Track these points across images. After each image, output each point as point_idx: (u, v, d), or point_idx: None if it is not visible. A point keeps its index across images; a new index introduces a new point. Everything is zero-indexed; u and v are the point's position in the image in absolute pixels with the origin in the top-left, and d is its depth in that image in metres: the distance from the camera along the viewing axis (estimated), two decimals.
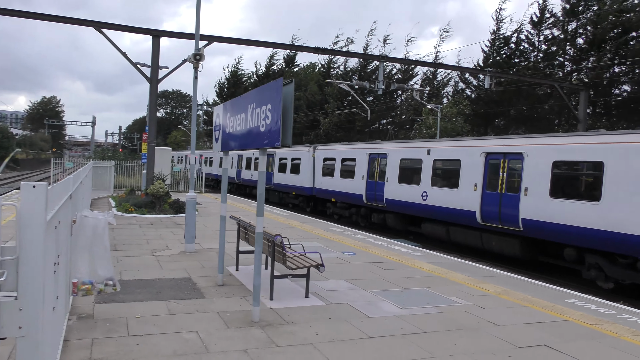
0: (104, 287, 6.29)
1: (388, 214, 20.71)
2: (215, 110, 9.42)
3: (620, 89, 34.85)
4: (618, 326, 7.40)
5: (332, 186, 24.56)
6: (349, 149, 24.10)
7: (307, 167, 27.11)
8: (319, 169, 25.97)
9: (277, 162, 30.91)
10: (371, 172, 21.54)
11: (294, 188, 28.64)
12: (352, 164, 23.16)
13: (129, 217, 17.62)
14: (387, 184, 20.32)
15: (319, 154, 26.42)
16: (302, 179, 27.55)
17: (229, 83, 68.05)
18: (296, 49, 39.78)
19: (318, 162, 26.19)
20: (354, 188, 22.47)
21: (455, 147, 17.57)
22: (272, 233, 8.03)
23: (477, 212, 15.86)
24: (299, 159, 28.15)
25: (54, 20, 19.65)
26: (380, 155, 21.24)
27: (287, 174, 29.44)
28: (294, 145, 27.51)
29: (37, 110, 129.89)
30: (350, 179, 22.84)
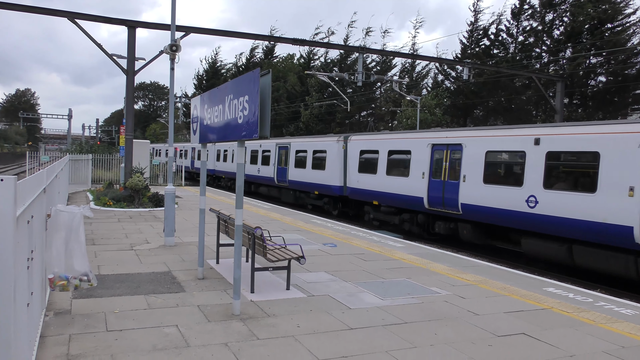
0: (79, 283, 6.18)
1: (463, 223, 16.04)
2: (193, 102, 9.30)
3: (596, 80, 35.34)
4: (595, 314, 7.52)
5: (374, 185, 19.79)
6: (400, 138, 19.30)
7: (336, 161, 22.61)
8: (353, 164, 21.23)
9: (292, 155, 26.54)
10: (437, 169, 16.97)
11: (316, 187, 24.00)
12: (404, 158, 18.50)
13: (107, 211, 17.39)
14: (463, 185, 15.62)
15: (353, 145, 21.68)
16: (328, 175, 22.99)
17: (208, 75, 67.54)
18: (275, 40, 39.58)
19: (352, 156, 21.51)
20: (409, 189, 17.83)
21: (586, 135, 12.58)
22: (252, 225, 7.97)
23: None
24: (324, 151, 23.58)
25: (26, 11, 19.22)
26: (451, 146, 16.53)
27: (307, 169, 24.86)
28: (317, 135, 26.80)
29: (11, 103, 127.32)
30: (403, 177, 18.30)
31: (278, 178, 27.78)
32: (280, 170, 27.58)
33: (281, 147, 27.80)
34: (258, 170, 30.70)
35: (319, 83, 48.66)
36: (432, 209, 16.99)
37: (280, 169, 27.57)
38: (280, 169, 27.57)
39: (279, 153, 27.87)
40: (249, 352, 5.54)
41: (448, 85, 45.28)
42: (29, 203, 4.05)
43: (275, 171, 28.09)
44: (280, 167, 27.57)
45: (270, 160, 28.83)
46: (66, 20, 19.15)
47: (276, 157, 28.14)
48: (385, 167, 19.39)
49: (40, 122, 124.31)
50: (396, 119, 45.45)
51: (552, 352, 5.90)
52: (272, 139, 29.42)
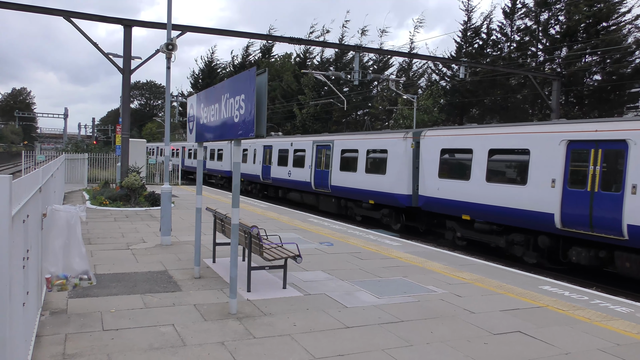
0: (79, 282, 6.19)
1: (627, 252, 11.67)
2: (189, 101, 9.29)
3: (592, 78, 35.43)
4: (590, 311, 7.55)
5: (465, 195, 15.39)
6: (510, 133, 14.42)
7: (402, 163, 18.11)
8: (431, 167, 16.77)
9: (336, 156, 22.09)
10: (577, 176, 12.51)
11: (371, 195, 19.53)
12: (518, 159, 14.03)
13: (103, 211, 17.36)
14: (632, 199, 11.17)
15: (430, 143, 17.05)
16: (390, 181, 18.52)
17: (204, 74, 67.46)
18: (272, 39, 39.50)
19: (428, 156, 16.99)
20: (528, 201, 13.34)
21: None
22: (248, 225, 7.97)
23: None
24: (383, 151, 19.20)
25: (21, 10, 19.14)
26: (607, 144, 11.97)
27: (359, 173, 20.39)
28: (375, 132, 21.77)
29: (7, 102, 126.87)
30: (515, 184, 13.82)
31: (316, 183, 23.52)
32: (319, 173, 23.36)
33: (320, 145, 23.54)
34: (289, 173, 26.25)
35: (314, 81, 48.64)
36: (569, 229, 12.44)
37: (319, 172, 23.33)
38: (319, 172, 23.33)
39: (317, 153, 23.69)
40: (246, 351, 5.54)
41: (443, 84, 45.32)
42: (25, 202, 4.05)
43: (313, 175, 23.82)
44: (319, 170, 23.33)
45: (306, 162, 24.53)
46: (63, 18, 19.09)
47: (314, 157, 23.86)
48: (485, 171, 14.74)
49: (36, 121, 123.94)
50: (392, 118, 45.49)
51: (548, 350, 5.93)
52: (308, 136, 25.57)
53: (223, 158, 37.18)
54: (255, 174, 30.70)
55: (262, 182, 29.93)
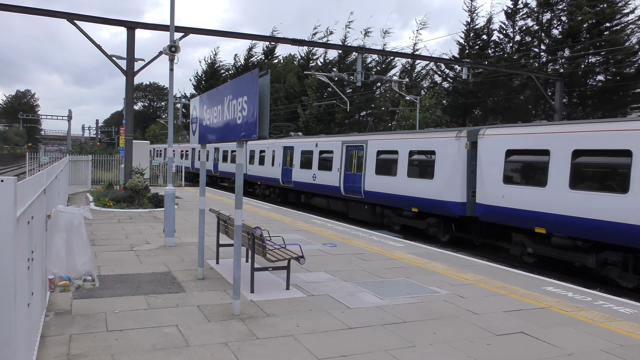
0: (82, 283, 6.21)
1: None
2: (192, 103, 9.32)
3: (595, 79, 35.37)
4: (593, 312, 7.54)
5: (538, 204, 13.04)
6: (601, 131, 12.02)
7: (453, 166, 15.90)
8: (493, 171, 14.33)
9: (371, 158, 19.86)
10: None
11: (415, 202, 17.30)
12: (618, 162, 11.52)
13: (107, 212, 17.41)
14: None
15: (492, 143, 14.55)
16: (439, 187, 16.30)
17: (207, 75, 67.58)
18: (275, 40, 39.66)
19: (488, 158, 14.55)
20: (635, 214, 10.89)
21: None
22: (251, 226, 8.00)
23: None
24: (430, 152, 16.91)
25: (24, 12, 19.21)
26: None
27: (399, 177, 18.14)
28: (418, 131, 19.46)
29: (11, 105, 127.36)
30: (616, 193, 11.33)
31: (346, 188, 21.24)
32: (349, 177, 21.11)
33: (351, 146, 21.28)
34: (313, 176, 23.79)
35: (317, 83, 48.68)
36: None
37: (350, 176, 21.08)
38: (350, 176, 21.08)
39: (347, 155, 21.44)
40: (249, 352, 5.56)
41: (446, 85, 45.31)
42: (29, 204, 4.08)
43: (342, 179, 21.52)
44: (350, 174, 21.07)
45: (333, 164, 22.27)
46: (66, 21, 19.18)
47: (343, 160, 21.60)
48: (568, 176, 12.38)
49: (40, 123, 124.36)
50: (395, 120, 45.51)
51: (551, 351, 5.93)
52: (336, 136, 23.40)
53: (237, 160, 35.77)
54: (274, 177, 28.32)
55: (282, 186, 27.52)
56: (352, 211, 21.56)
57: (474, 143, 15.57)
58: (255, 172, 31.14)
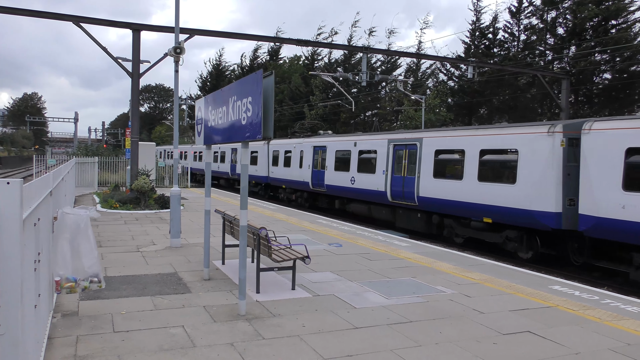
0: (88, 284, 6.24)
1: None
2: (197, 104, 9.36)
3: (601, 77, 35.19)
4: (601, 311, 7.51)
5: None
6: None
7: (544, 168, 13.34)
8: (609, 175, 11.78)
9: (426, 158, 17.20)
10: None
11: (487, 211, 14.69)
12: None
13: (113, 214, 17.48)
14: None
15: (604, 140, 12.13)
16: (522, 193, 13.79)
17: (212, 77, 67.74)
18: (280, 41, 39.69)
19: (601, 159, 12.05)
20: None
21: None
22: (257, 226, 8.01)
23: None
24: (512, 151, 14.32)
25: (30, 15, 19.34)
26: None
27: (466, 180, 15.44)
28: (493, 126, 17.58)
29: (18, 107, 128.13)
30: None
31: (394, 193, 18.73)
32: (398, 181, 18.54)
33: (400, 145, 18.74)
34: (351, 180, 21.26)
35: (323, 83, 48.69)
36: None
37: (399, 180, 18.49)
38: (399, 180, 18.49)
39: (395, 155, 18.95)
40: (255, 352, 5.57)
41: (452, 84, 45.21)
42: (36, 206, 4.10)
43: (389, 183, 19.01)
44: (399, 177, 18.47)
45: (377, 166, 19.77)
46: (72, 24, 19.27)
47: (390, 160, 19.08)
48: None
49: (46, 125, 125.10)
50: (399, 120, 45.48)
51: (558, 350, 5.91)
52: (381, 134, 20.82)
53: (258, 162, 31.59)
54: (301, 180, 25.77)
55: (312, 190, 24.97)
56: (401, 220, 18.92)
57: (572, 140, 13.18)
58: (280, 174, 28.58)
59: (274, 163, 29.34)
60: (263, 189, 31.97)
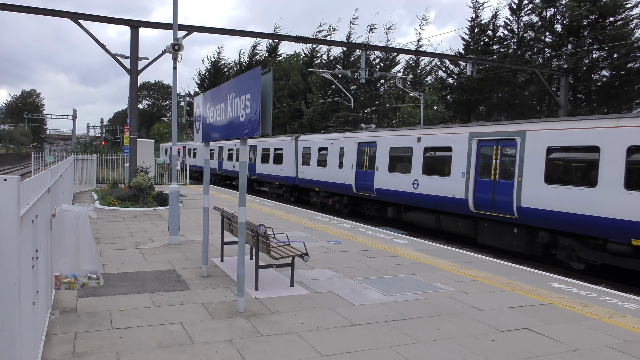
0: (87, 281, 6.25)
1: None
2: (195, 101, 9.34)
3: (599, 74, 35.21)
4: (598, 308, 7.52)
5: None
6: None
7: None
8: None
9: (531, 158, 13.57)
10: None
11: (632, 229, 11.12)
12: None
13: (112, 211, 17.47)
14: None
15: None
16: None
17: (210, 74, 67.66)
18: (278, 38, 39.51)
19: None
20: None
21: None
22: (255, 223, 8.01)
23: None
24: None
25: (28, 12, 19.26)
26: None
27: (601, 188, 11.79)
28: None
29: (16, 104, 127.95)
30: None
31: (478, 201, 14.95)
32: (486, 186, 14.78)
33: (488, 141, 14.94)
34: (414, 184, 17.66)
35: (322, 80, 48.65)
36: None
37: (487, 185, 14.72)
38: (487, 185, 14.72)
39: (479, 153, 15.20)
40: (253, 349, 5.57)
41: (451, 82, 45.20)
42: (33, 203, 4.09)
43: (471, 188, 15.18)
44: (486, 181, 14.78)
45: (453, 167, 15.98)
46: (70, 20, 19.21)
47: (473, 160, 15.31)
48: None
49: (45, 122, 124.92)
50: (397, 117, 45.47)
51: (556, 347, 5.91)
52: (460, 127, 16.81)
53: (284, 160, 27.74)
54: (343, 182, 22.09)
55: (356, 194, 21.32)
56: (486, 235, 15.20)
57: None
58: (312, 175, 24.91)
59: (305, 162, 25.77)
60: (289, 191, 28.25)
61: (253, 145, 31.79)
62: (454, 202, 15.86)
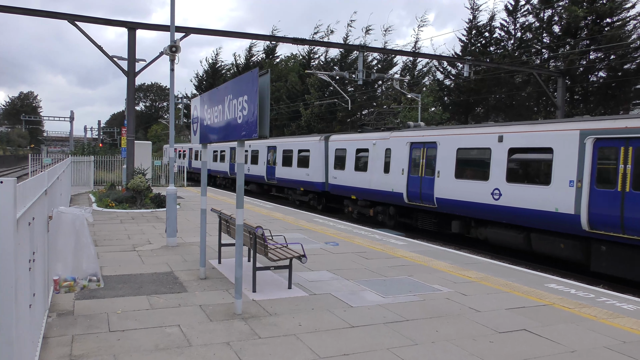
0: (87, 283, 6.22)
1: None
2: (193, 103, 9.33)
3: (596, 75, 35.28)
4: (596, 309, 7.52)
5: None
6: None
7: None
8: None
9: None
10: None
11: None
12: None
13: (109, 213, 17.44)
14: None
15: None
16: None
17: (208, 75, 67.65)
18: (276, 40, 39.58)
19: None
20: None
21: None
22: (253, 225, 8.00)
23: None
24: None
25: (25, 14, 19.23)
26: None
27: None
28: None
29: (13, 106, 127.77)
30: None
31: (594, 218, 11.81)
32: (605, 199, 11.61)
33: (613, 140, 11.65)
34: (495, 193, 14.42)
35: (319, 82, 48.64)
36: None
37: (607, 197, 11.54)
38: (607, 197, 11.54)
39: (596, 156, 12.01)
40: (251, 351, 5.56)
41: (448, 83, 45.23)
42: (30, 205, 4.08)
43: (584, 200, 11.99)
44: (605, 192, 11.62)
45: (554, 173, 12.77)
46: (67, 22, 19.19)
47: (588, 164, 12.08)
48: None
49: (42, 124, 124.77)
50: (397, 118, 45.45)
51: (554, 348, 5.91)
52: (565, 122, 13.32)
53: (310, 163, 24.77)
54: (389, 190, 18.81)
55: (408, 204, 18.03)
56: (606, 262, 11.79)
57: None
58: (348, 181, 21.68)
59: (338, 165, 22.55)
60: (316, 198, 25.28)
61: (272, 146, 29.06)
62: (556, 218, 12.67)
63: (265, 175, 29.45)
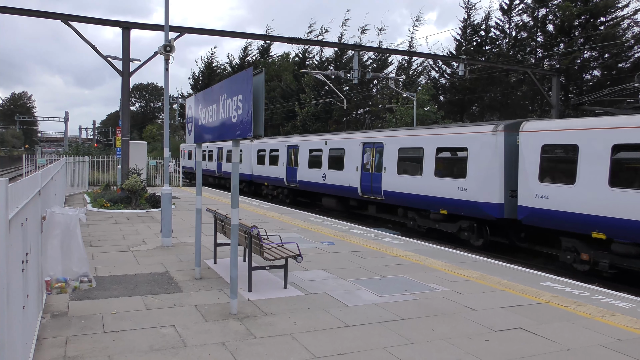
0: (78, 284, 6.20)
1: None
2: (187, 102, 9.31)
3: (591, 74, 35.40)
4: (591, 307, 7.54)
5: None
6: None
7: None
8: None
9: None
10: None
11: None
12: None
13: (104, 213, 17.37)
14: None
15: None
16: None
17: (204, 75, 67.56)
18: (271, 39, 39.42)
19: None
20: None
21: None
22: (248, 225, 7.98)
23: None
24: None
25: (20, 14, 19.13)
26: None
27: None
28: None
29: (7, 107, 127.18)
30: None
31: None
32: None
33: None
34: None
35: (314, 81, 48.61)
36: None
37: None
38: None
39: None
40: (246, 351, 5.54)
41: (443, 82, 45.31)
42: (23, 206, 4.05)
43: None
44: None
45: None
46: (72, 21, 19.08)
47: None
48: None
49: (37, 125, 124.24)
50: (393, 116, 45.47)
51: (549, 346, 5.92)
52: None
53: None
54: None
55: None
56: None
57: None
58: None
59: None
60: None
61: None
62: None
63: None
